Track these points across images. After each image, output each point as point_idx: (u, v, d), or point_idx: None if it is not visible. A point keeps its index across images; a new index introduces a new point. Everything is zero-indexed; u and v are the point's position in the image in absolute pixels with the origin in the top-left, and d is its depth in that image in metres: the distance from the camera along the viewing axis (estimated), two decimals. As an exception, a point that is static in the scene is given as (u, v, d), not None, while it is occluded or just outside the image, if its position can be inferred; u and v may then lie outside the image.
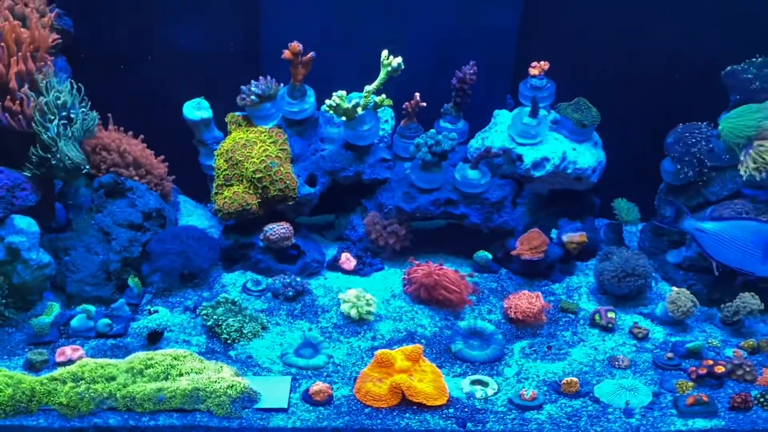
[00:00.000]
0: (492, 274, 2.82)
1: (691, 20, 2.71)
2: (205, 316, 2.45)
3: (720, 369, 2.36)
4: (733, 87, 2.63)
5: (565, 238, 2.76)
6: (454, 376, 2.33)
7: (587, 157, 2.72)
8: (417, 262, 2.67)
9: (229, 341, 2.41)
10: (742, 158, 2.51)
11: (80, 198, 2.68)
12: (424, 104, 2.77)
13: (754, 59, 2.61)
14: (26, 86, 2.40)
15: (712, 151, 2.60)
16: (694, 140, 2.60)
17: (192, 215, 2.98)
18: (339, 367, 2.35)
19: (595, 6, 2.74)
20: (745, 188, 2.62)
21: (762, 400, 2.30)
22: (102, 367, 2.17)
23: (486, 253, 2.81)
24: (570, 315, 2.63)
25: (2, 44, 2.39)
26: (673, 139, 2.65)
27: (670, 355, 2.45)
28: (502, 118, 2.82)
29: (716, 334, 2.57)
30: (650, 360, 2.45)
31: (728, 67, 2.65)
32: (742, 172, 2.53)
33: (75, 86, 2.49)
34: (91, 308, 2.45)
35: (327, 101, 2.63)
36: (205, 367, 2.20)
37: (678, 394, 2.31)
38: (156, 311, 2.48)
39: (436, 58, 2.84)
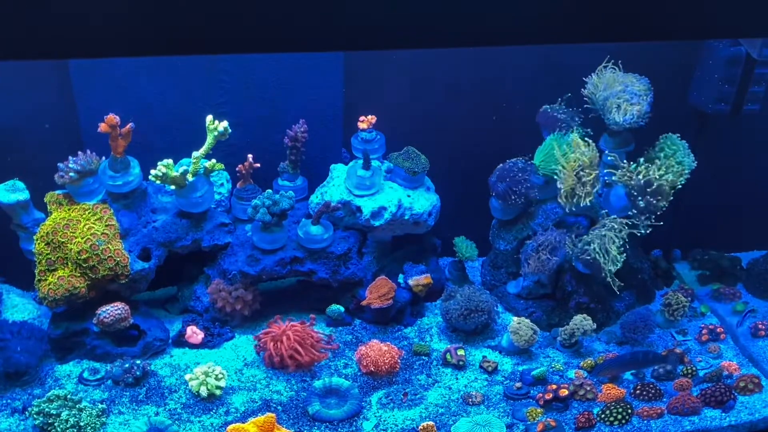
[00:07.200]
0: (346, 326, 2.81)
1: (500, 67, 2.88)
2: (35, 416, 2.23)
3: (564, 392, 2.47)
4: (545, 125, 2.82)
5: (411, 281, 2.80)
6: (312, 440, 2.27)
7: (422, 202, 2.80)
8: (264, 331, 2.61)
9: (64, 441, 2.22)
10: (558, 187, 2.68)
11: None
12: (258, 165, 2.74)
13: (561, 99, 2.81)
14: None
15: (532, 185, 2.76)
16: (515, 177, 2.74)
17: (17, 305, 2.73)
18: (190, 450, 2.22)
19: (410, 59, 2.83)
20: (568, 216, 2.79)
21: (603, 416, 2.43)
22: None
23: (338, 306, 2.79)
24: (423, 357, 2.66)
25: None
26: (496, 177, 2.76)
27: (518, 384, 2.53)
28: (339, 171, 2.83)
29: (559, 358, 2.69)
30: (501, 392, 2.51)
31: (541, 108, 2.83)
32: (560, 201, 2.71)
33: None
34: None
35: (152, 171, 2.52)
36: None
37: (529, 423, 2.38)
38: (-26, 421, 2.24)
39: (266, 118, 2.80)
